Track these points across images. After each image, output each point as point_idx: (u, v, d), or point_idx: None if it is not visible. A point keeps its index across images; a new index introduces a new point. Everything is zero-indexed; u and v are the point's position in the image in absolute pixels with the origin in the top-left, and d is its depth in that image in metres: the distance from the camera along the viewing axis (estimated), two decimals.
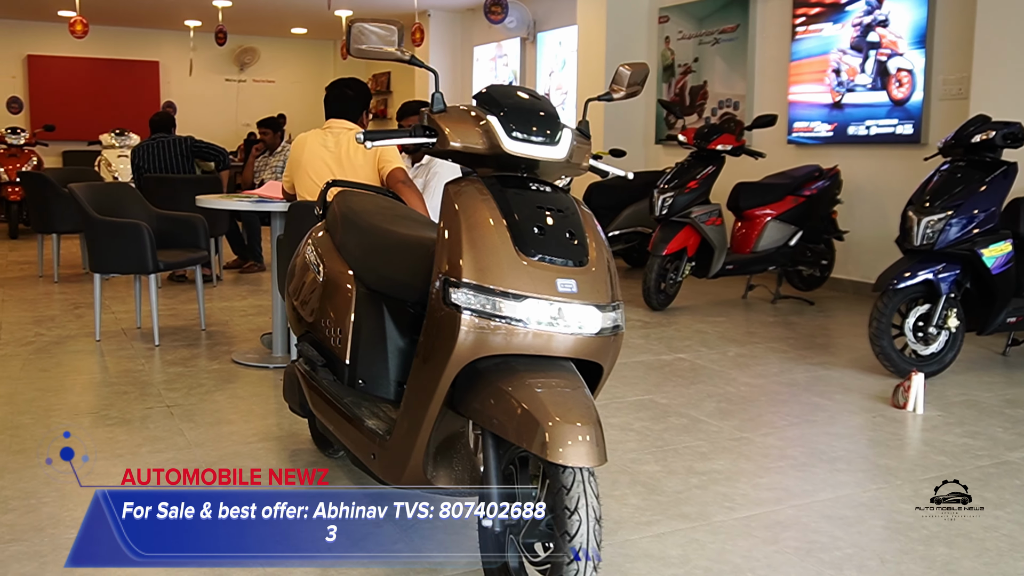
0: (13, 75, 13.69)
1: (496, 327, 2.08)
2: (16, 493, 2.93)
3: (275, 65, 15.65)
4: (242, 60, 15.40)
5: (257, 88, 15.53)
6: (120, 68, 14.25)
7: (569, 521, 1.94)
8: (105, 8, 12.56)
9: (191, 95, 14.94)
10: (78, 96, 13.88)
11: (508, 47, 11.55)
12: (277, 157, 8.02)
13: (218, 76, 15.19)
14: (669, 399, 4.15)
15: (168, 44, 14.62)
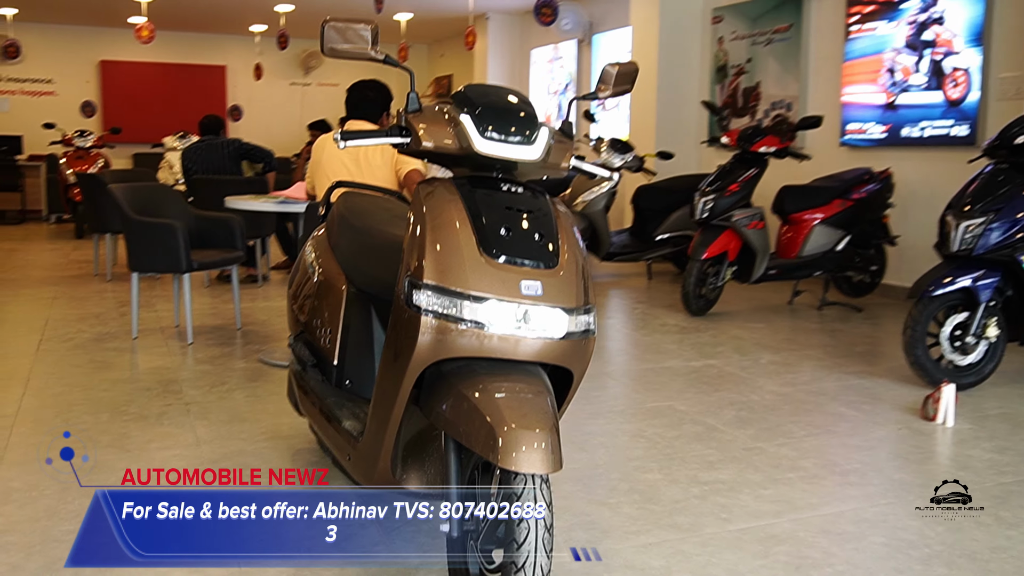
0: (87, 80, 14.14)
1: (457, 329, 2.05)
2: (21, 485, 3.01)
3: (338, 68, 15.83)
4: (307, 64, 15.65)
5: (321, 91, 15.74)
6: (188, 72, 14.60)
7: (518, 529, 1.90)
8: (174, 14, 12.90)
9: (257, 99, 15.25)
10: (148, 100, 14.27)
11: (564, 49, 11.49)
12: None
13: (283, 80, 15.45)
14: (688, 406, 4.06)
15: (234, 49, 14.93)
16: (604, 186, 7.68)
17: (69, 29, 13.81)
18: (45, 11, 12.86)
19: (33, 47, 13.77)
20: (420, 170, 4.05)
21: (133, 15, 12.43)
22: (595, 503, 2.93)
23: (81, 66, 14.09)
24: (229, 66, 15.10)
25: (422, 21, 13.45)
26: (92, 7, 12.57)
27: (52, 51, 13.91)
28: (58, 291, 6.87)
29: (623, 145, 7.91)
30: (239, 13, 12.99)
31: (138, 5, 11.52)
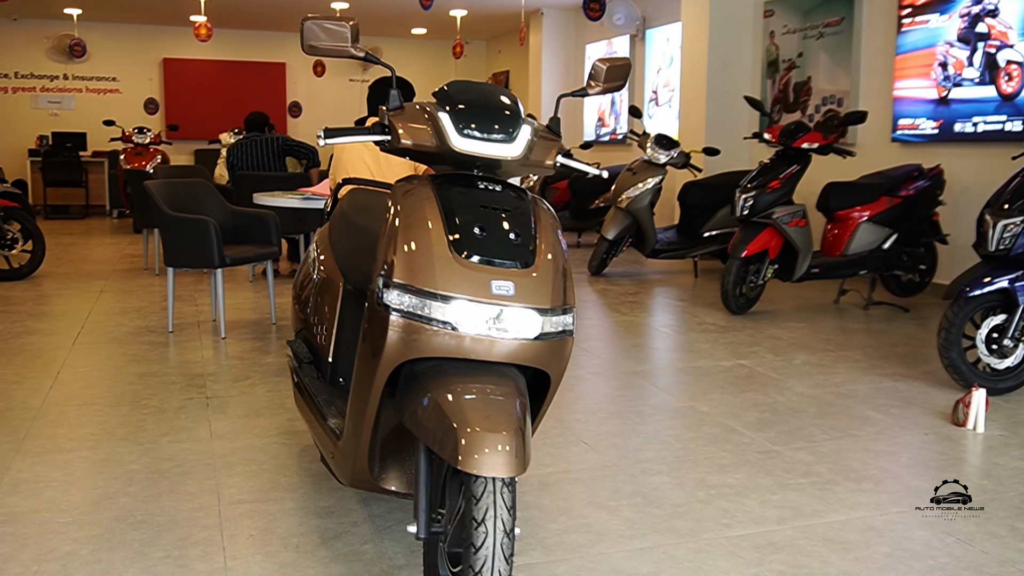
0: (150, 77, 14.48)
1: (424, 329, 2.02)
2: (29, 476, 3.07)
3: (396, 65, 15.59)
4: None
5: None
6: (249, 70, 14.86)
7: (475, 532, 1.86)
8: (235, 13, 13.15)
9: (316, 95, 15.45)
10: (209, 97, 14.56)
11: (618, 44, 11.38)
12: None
13: (342, 77, 15.62)
14: (711, 407, 3.97)
15: (294, 46, 15.11)
16: (649, 182, 7.61)
17: (133, 28, 14.15)
18: (109, 10, 13.20)
19: (98, 46, 14.16)
20: None
21: (194, 14, 12.68)
22: (595, 506, 2.88)
23: (144, 64, 14.44)
24: (289, 63, 15.32)
25: (478, 17, 13.48)
26: (155, 6, 12.86)
27: (116, 50, 14.28)
28: (106, 285, 7.05)
29: (668, 141, 7.80)
30: (298, 10, 13.15)
31: (198, 3, 11.74)
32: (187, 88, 14.63)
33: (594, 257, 7.83)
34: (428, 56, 15.85)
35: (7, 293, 6.59)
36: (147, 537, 2.61)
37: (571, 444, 3.48)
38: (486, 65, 15.97)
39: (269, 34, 14.98)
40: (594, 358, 4.90)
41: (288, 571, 2.42)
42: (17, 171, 13.45)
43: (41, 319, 5.71)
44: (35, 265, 7.31)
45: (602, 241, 7.75)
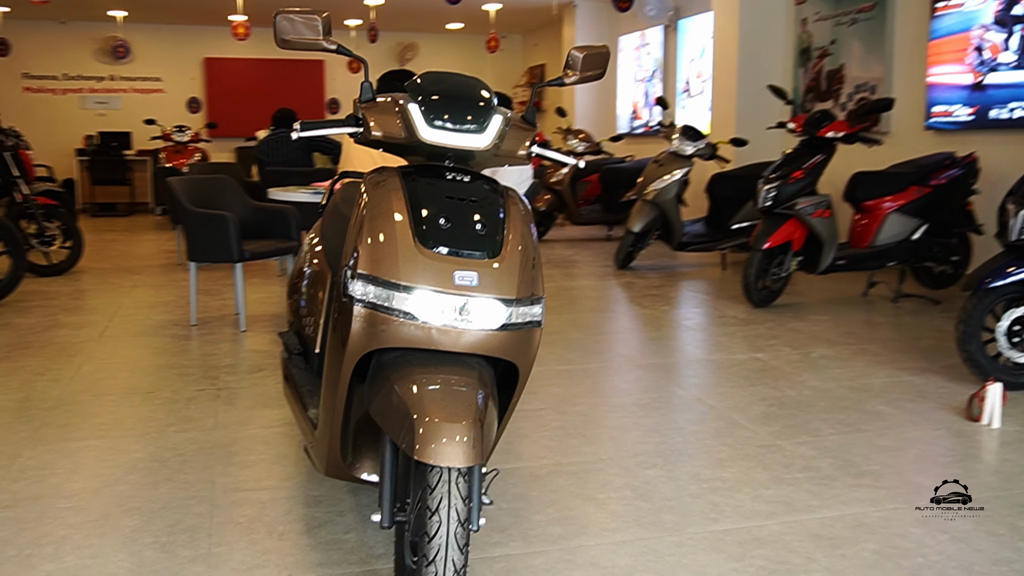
0: (192, 76, 14.71)
1: (387, 320, 2.03)
2: (37, 463, 3.15)
3: (434, 60, 16.02)
4: (403, 56, 15.88)
5: None
6: (288, 68, 15.00)
7: (429, 522, 1.87)
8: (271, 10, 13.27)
9: (354, 92, 15.44)
10: (250, 95, 14.74)
11: (651, 36, 11.29)
12: None
13: (379, 72, 15.68)
14: (718, 400, 3.93)
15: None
16: (676, 174, 7.54)
17: (175, 28, 14.38)
18: (152, 12, 13.43)
19: (142, 47, 14.42)
20: None
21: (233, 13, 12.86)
22: (583, 498, 2.87)
23: (187, 64, 14.67)
24: (327, 60, 15.44)
25: (512, 11, 13.46)
26: (196, 6, 13.05)
27: (160, 50, 14.53)
28: (140, 280, 7.19)
29: (695, 132, 7.73)
30: (335, 7, 13.25)
31: (237, 3, 11.89)
32: (228, 87, 14.84)
33: (620, 250, 7.78)
34: (464, 51, 15.88)
35: (44, 288, 6.76)
36: (139, 523, 2.66)
37: (569, 437, 3.47)
38: (522, 59, 15.96)
39: None
40: (606, 352, 4.87)
41: (269, 558, 2.46)
42: (66, 170, 13.76)
43: (73, 313, 5.84)
44: (73, 261, 7.48)
45: (628, 234, 7.70)
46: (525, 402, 3.90)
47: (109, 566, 2.40)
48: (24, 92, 14.07)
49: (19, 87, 14.03)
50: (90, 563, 2.42)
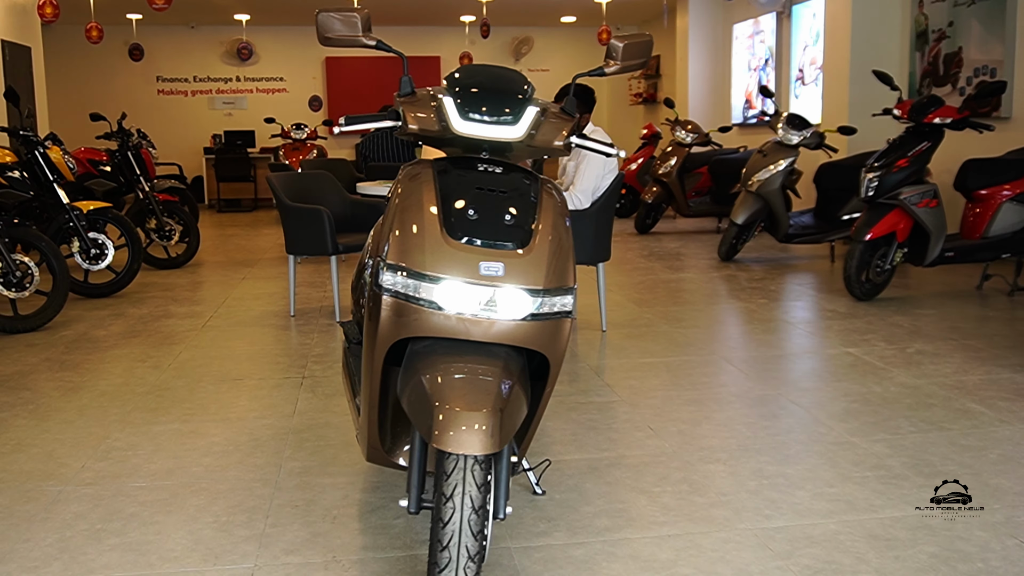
0: (314, 76, 15.21)
1: (414, 309, 2.07)
2: (122, 444, 3.34)
3: (548, 53, 16.07)
4: (519, 51, 15.98)
5: (532, 77, 15.99)
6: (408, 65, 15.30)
7: (443, 508, 1.89)
8: (389, 9, 13.59)
9: None
10: (368, 93, 15.12)
11: (764, 23, 10.99)
12: None
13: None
14: (799, 396, 3.82)
15: (447, 39, 15.50)
16: (780, 164, 7.35)
17: (296, 30, 14.89)
18: (274, 14, 13.95)
19: (266, 48, 15.00)
20: None
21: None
22: (637, 491, 2.84)
23: (308, 64, 15.17)
24: (443, 56, 15.69)
25: (625, 2, 13.36)
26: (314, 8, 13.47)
27: (282, 51, 15.08)
28: (251, 272, 7.50)
29: (801, 121, 7.49)
30: (450, 4, 13.47)
31: (353, 3, 12.23)
32: (348, 85, 15.27)
33: (723, 242, 7.63)
34: (578, 44, 15.85)
35: (161, 280, 7.14)
36: (203, 503, 2.79)
37: (637, 430, 3.43)
38: None
39: (423, 29, 15.40)
40: (689, 345, 4.79)
41: (318, 540, 2.53)
42: (195, 169, 14.49)
43: (183, 304, 6.14)
44: (190, 255, 7.86)
45: (731, 226, 7.54)
46: (598, 394, 3.89)
47: (168, 542, 2.53)
48: (158, 95, 14.85)
49: (153, 90, 14.82)
50: (152, 539, 2.55)
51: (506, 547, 2.48)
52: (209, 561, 2.42)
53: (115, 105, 12.06)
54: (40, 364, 4.54)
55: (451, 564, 1.88)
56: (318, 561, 2.41)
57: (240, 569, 2.37)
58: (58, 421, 3.61)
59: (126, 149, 7.73)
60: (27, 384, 4.18)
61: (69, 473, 3.05)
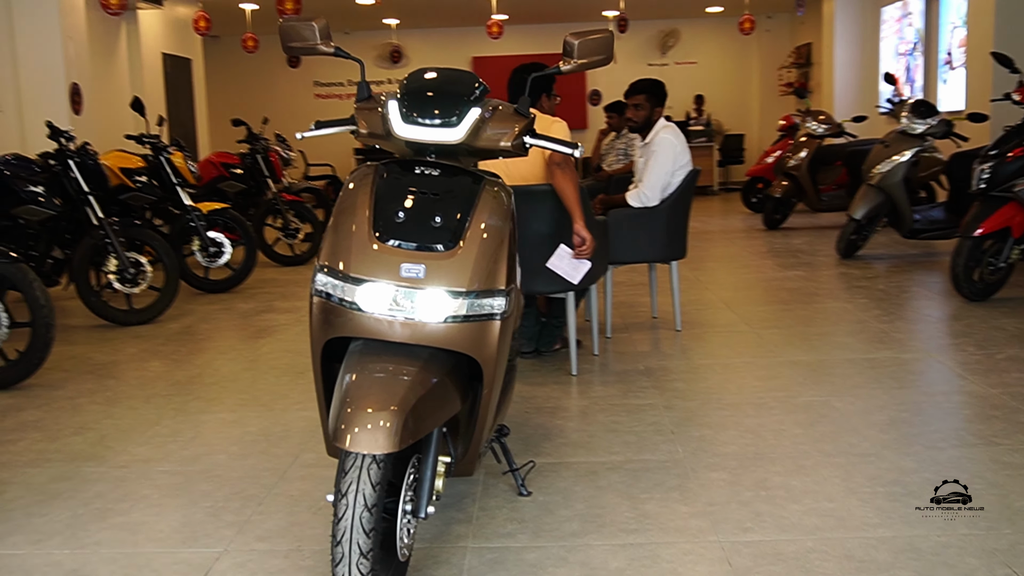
0: None
1: (339, 310, 2.13)
2: (167, 431, 3.57)
3: (695, 46, 15.74)
4: (665, 44, 15.73)
5: (679, 70, 15.73)
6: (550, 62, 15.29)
7: (338, 504, 1.94)
8: (533, 8, 13.74)
9: (615, 82, 15.58)
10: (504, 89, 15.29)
11: (913, 5, 10.34)
12: (621, 140, 8.20)
13: (639, 62, 15.66)
14: (847, 403, 3.61)
15: None
16: (904, 155, 6.93)
17: (444, 31, 15.27)
18: (423, 17, 14.37)
19: (415, 50, 15.46)
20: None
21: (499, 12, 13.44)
22: (624, 497, 2.78)
23: (456, 63, 15.36)
24: None
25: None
26: (461, 9, 13.78)
27: (431, 52, 15.49)
28: None
29: (928, 108, 7.02)
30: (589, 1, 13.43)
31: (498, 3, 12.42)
32: (494, 83, 15.34)
33: (841, 239, 7.25)
34: (724, 35, 15.43)
35: (278, 277, 7.53)
36: (210, 489, 2.96)
37: (657, 434, 3.35)
38: (789, 38, 15.19)
39: (564, 26, 15.39)
40: (758, 346, 4.61)
41: (292, 530, 2.63)
42: (349, 168, 15.13)
43: (288, 299, 6.46)
44: (312, 252, 8.24)
45: (849, 221, 7.16)
46: (637, 396, 3.82)
47: (160, 524, 2.70)
48: (315, 99, 15.61)
49: (311, 94, 15.59)
50: (148, 520, 2.73)
51: (463, 546, 2.50)
52: (187, 543, 2.57)
53: (275, 111, 12.76)
54: (136, 354, 4.92)
55: (344, 559, 1.93)
56: (282, 549, 2.51)
57: (210, 552, 2.50)
58: (124, 408, 3.90)
59: (256, 153, 8.19)
60: (115, 373, 4.53)
61: (110, 456, 3.30)
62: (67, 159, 5.55)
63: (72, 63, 8.11)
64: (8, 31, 7.83)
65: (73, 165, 5.54)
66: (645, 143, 4.89)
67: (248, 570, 2.40)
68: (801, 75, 14.40)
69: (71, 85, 8.09)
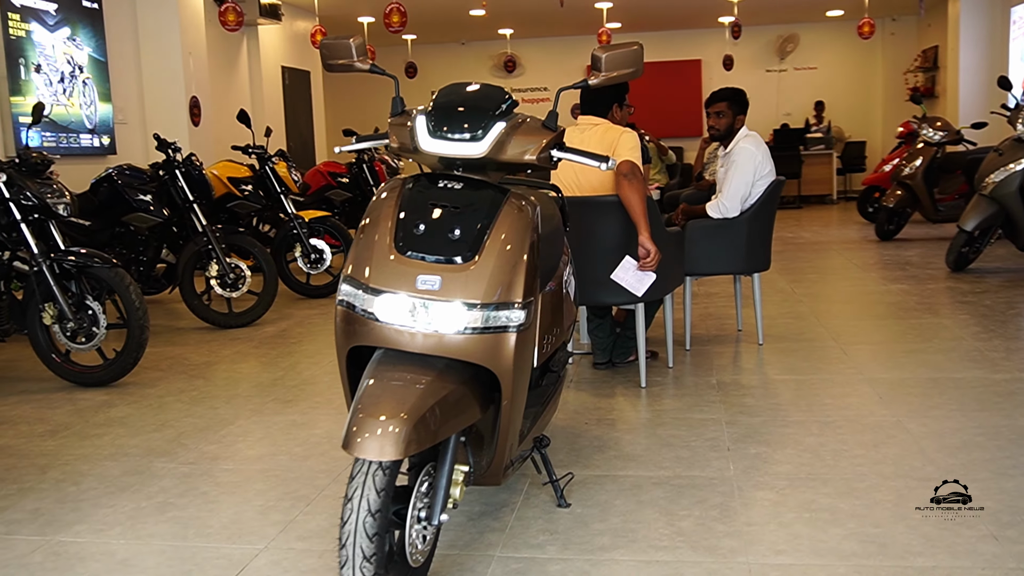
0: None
1: (359, 320, 2.20)
2: (239, 431, 3.73)
3: (815, 51, 15.31)
4: (784, 49, 15.36)
5: (798, 76, 15.35)
6: (665, 69, 15.25)
7: (345, 508, 2.00)
8: (647, 14, 13.66)
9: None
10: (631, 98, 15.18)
11: None
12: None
13: (759, 68, 15.36)
14: (920, 425, 3.46)
15: (708, 42, 15.25)
16: (1020, 163, 6.58)
17: (557, 40, 15.35)
18: (536, 27, 14.49)
19: (529, 59, 15.60)
20: (632, 161, 3.99)
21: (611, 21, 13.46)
22: (663, 513, 2.75)
23: (570, 73, 15.49)
24: (704, 60, 15.45)
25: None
26: (574, 18, 13.82)
27: (545, 61, 15.60)
28: None
29: None
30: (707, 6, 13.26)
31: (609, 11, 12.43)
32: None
33: (950, 251, 6.92)
34: (846, 39, 14.92)
35: None
36: (264, 488, 3.08)
37: (712, 450, 3.30)
38: (916, 42, 14.58)
39: (682, 32, 15.27)
40: (840, 362, 4.45)
41: (332, 531, 2.70)
42: None
43: None
44: None
45: (959, 233, 6.83)
46: (702, 410, 3.76)
47: (211, 519, 2.83)
48: None
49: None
50: (201, 516, 2.86)
51: (491, 555, 2.53)
52: (232, 540, 2.69)
53: None
54: (229, 356, 5.15)
55: (348, 563, 1.99)
56: (318, 550, 2.59)
57: (251, 549, 2.61)
58: (206, 407, 4.10)
59: (362, 162, 8.44)
60: (206, 373, 4.77)
61: (181, 453, 3.48)
62: (174, 169, 5.87)
63: (192, 77, 8.56)
64: (134, 48, 8.34)
65: (179, 175, 5.85)
66: (726, 152, 4.81)
67: (281, 568, 2.50)
68: (928, 79, 13.81)
69: (190, 98, 8.54)
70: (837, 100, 15.06)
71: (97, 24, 7.93)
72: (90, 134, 7.86)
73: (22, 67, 7.08)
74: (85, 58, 7.82)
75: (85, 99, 7.81)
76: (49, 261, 4.33)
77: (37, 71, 7.26)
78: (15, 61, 7.01)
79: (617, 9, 13.08)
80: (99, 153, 7.90)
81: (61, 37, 7.54)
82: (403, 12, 10.30)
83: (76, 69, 7.69)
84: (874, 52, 14.99)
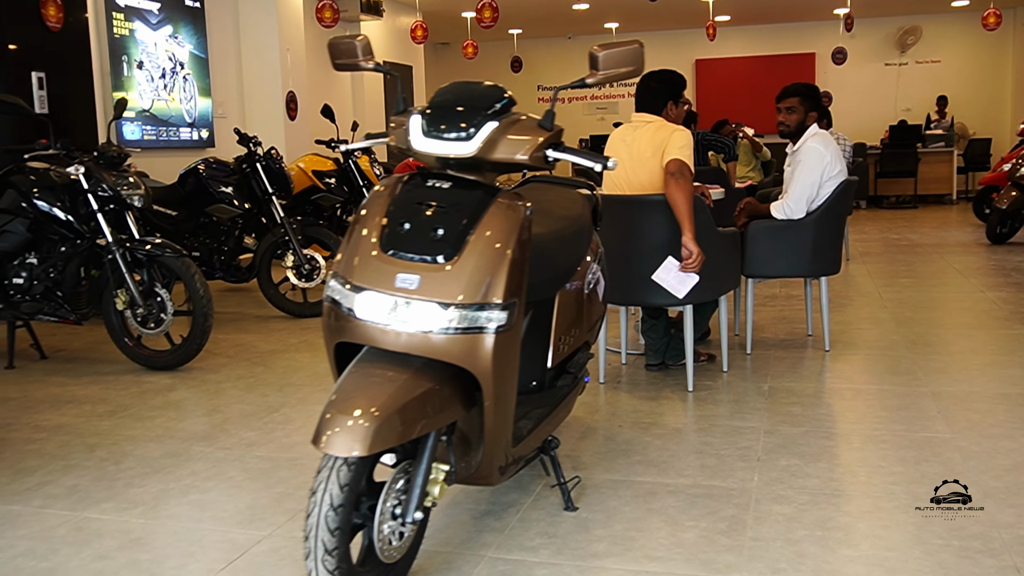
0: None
1: (341, 316, 2.22)
2: (281, 419, 3.82)
3: (939, 44, 14.58)
4: (904, 41, 14.70)
5: (920, 70, 14.66)
6: (777, 63, 14.84)
7: (310, 501, 2.02)
8: (760, 8, 13.31)
9: (847, 83, 14.83)
10: (740, 93, 14.89)
11: None
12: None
13: (877, 61, 14.76)
14: (974, 443, 3.25)
15: (822, 34, 14.73)
16: None
17: (665, 34, 15.12)
18: (643, 20, 14.31)
19: None
20: (680, 160, 3.89)
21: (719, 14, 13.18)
22: (668, 522, 2.68)
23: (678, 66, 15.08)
24: (818, 53, 14.95)
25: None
26: (681, 11, 13.60)
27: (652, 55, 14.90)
28: None
29: None
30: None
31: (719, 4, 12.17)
32: (718, 86, 15.18)
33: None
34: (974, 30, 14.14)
35: None
36: (288, 476, 3.15)
37: (740, 460, 3.19)
38: None
39: (795, 25, 14.81)
40: (908, 373, 4.22)
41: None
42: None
43: None
44: None
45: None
46: (743, 418, 3.65)
47: (230, 504, 2.91)
48: (538, 103, 15.93)
49: (534, 98, 15.94)
50: (222, 500, 2.95)
51: (482, 555, 2.51)
52: (242, 525, 2.76)
53: None
54: (294, 345, 5.29)
55: (311, 555, 2.01)
56: None
57: (256, 535, 2.68)
58: (257, 394, 4.23)
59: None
60: (268, 361, 4.90)
61: (222, 437, 3.59)
62: (255, 163, 6.06)
63: (289, 73, 8.82)
64: (235, 45, 8.65)
65: (259, 168, 6.03)
66: (794, 151, 4.64)
67: (279, 555, 2.55)
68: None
69: (287, 93, 8.81)
70: (962, 95, 14.32)
71: (199, 22, 8.27)
72: (189, 128, 8.20)
73: (125, 64, 7.45)
74: (186, 55, 8.17)
75: (185, 94, 8.15)
76: (122, 249, 4.54)
77: (139, 68, 7.63)
78: (118, 58, 7.39)
79: (726, 2, 12.79)
80: (198, 146, 8.24)
81: (163, 35, 7.90)
82: (495, 7, 10.33)
83: (177, 65, 8.04)
84: (1004, 44, 14.18)
